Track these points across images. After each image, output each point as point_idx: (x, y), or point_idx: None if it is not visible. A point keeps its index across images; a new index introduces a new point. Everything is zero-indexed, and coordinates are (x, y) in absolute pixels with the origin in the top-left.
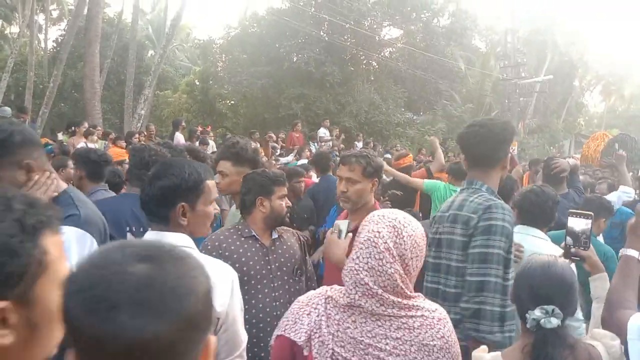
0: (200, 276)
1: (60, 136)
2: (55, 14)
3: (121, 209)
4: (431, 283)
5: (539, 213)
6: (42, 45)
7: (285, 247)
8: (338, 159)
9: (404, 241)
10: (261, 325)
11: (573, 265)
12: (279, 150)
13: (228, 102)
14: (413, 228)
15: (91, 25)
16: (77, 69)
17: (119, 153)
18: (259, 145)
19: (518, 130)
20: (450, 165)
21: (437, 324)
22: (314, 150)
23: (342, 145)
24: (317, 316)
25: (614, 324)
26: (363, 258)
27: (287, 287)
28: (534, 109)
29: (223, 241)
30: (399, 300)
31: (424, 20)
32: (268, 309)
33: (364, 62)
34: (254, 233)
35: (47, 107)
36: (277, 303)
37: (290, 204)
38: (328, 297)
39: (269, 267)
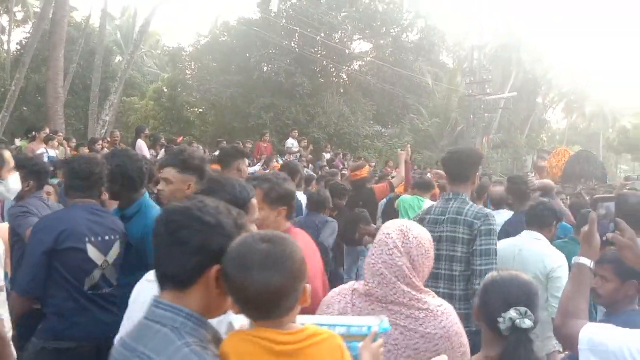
0: (297, 249)
1: (18, 142)
2: (19, 16)
3: (78, 221)
4: (434, 269)
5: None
6: (5, 47)
7: None
8: (306, 170)
9: (410, 241)
10: None
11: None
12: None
13: (196, 110)
14: (418, 232)
15: (56, 29)
16: (41, 73)
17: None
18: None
19: (483, 145)
20: (416, 180)
21: (441, 316)
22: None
23: (310, 157)
24: (345, 304)
25: (567, 333)
26: (378, 254)
27: None
28: (499, 125)
29: None
30: (409, 290)
31: (393, 35)
32: None
33: (334, 74)
34: None
35: (8, 111)
36: None
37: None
38: (354, 289)
39: None
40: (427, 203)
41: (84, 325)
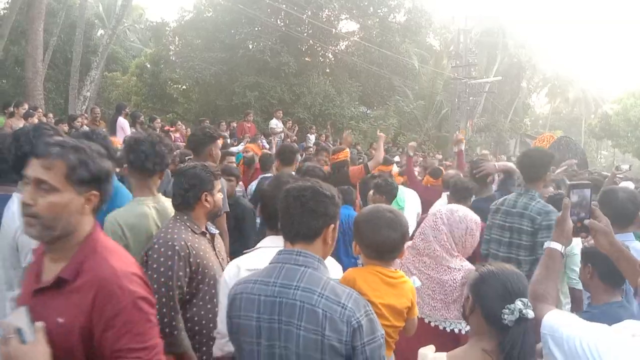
0: (403, 217)
1: None
2: None
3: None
4: (506, 253)
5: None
6: None
7: (218, 237)
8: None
9: (454, 217)
10: None
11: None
12: (229, 140)
13: (180, 86)
14: (465, 213)
15: (34, 1)
16: (20, 45)
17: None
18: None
19: (466, 129)
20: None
21: (457, 273)
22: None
23: (295, 137)
24: (406, 259)
25: (535, 314)
26: (428, 220)
27: None
28: (483, 108)
29: (187, 239)
30: (441, 250)
31: (380, 16)
32: None
33: (320, 54)
34: (203, 229)
35: None
36: None
37: (223, 195)
38: (409, 247)
39: (218, 259)
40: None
41: None
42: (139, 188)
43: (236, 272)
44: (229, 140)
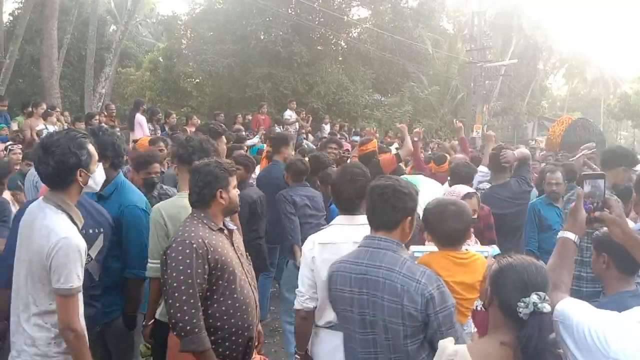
0: (466, 208)
1: (15, 126)
2: None
3: None
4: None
5: None
6: None
7: (236, 233)
8: (305, 142)
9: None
10: (249, 309)
11: None
12: (244, 133)
13: (193, 80)
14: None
15: (48, 1)
16: (35, 44)
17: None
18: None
19: (483, 113)
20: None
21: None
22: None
23: (309, 128)
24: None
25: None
26: None
27: (249, 270)
28: (499, 92)
29: (204, 237)
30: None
31: (392, 1)
32: (250, 294)
33: (333, 42)
34: (221, 225)
35: (4, 84)
36: (252, 286)
37: (239, 192)
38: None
39: (237, 255)
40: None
41: None
42: (184, 183)
43: (311, 246)
44: (244, 133)
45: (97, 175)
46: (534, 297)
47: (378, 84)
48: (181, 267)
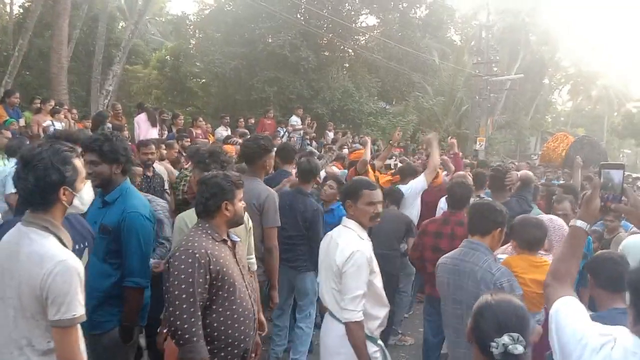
0: (544, 222)
1: (22, 121)
2: None
3: None
4: None
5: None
6: (7, 9)
7: (240, 245)
8: (309, 147)
9: (551, 225)
10: (247, 322)
11: None
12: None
13: (199, 80)
14: (560, 224)
15: None
16: (44, 38)
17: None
18: (228, 130)
19: (487, 126)
20: (400, 167)
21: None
22: (284, 137)
23: (314, 134)
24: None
25: (549, 293)
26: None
27: (250, 283)
28: (503, 105)
29: (207, 248)
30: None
31: (401, 10)
32: (249, 306)
33: (340, 49)
34: (224, 237)
35: (11, 77)
36: (252, 300)
37: (245, 205)
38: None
39: (239, 267)
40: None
41: None
42: None
43: (356, 238)
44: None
45: (85, 194)
46: (505, 339)
47: (383, 92)
48: (183, 276)
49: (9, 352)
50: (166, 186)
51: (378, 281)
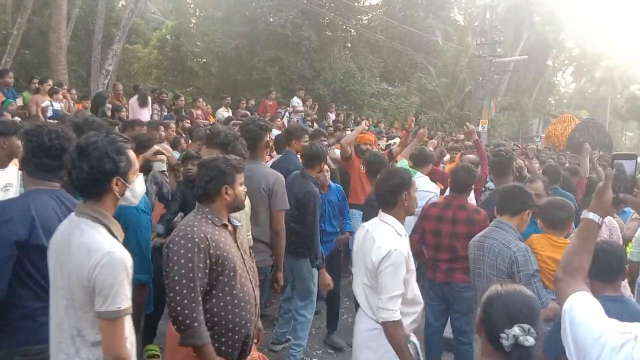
0: (571, 204)
1: (20, 101)
2: None
3: (47, 212)
4: None
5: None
6: None
7: (240, 229)
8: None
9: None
10: (248, 307)
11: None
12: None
13: (200, 60)
14: (613, 224)
15: None
16: (43, 16)
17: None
18: (229, 111)
19: (489, 108)
20: (413, 153)
21: None
22: (284, 117)
23: (315, 116)
24: None
25: (562, 288)
26: None
27: (251, 268)
28: (506, 87)
29: (207, 232)
30: None
31: None
32: (250, 291)
33: (342, 28)
34: (225, 221)
35: (10, 55)
36: (253, 284)
37: (246, 189)
38: None
39: (240, 252)
40: (421, 178)
41: None
42: None
43: (394, 235)
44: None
45: (137, 187)
46: (515, 330)
47: (386, 73)
48: (182, 261)
49: (61, 341)
50: (164, 167)
51: (414, 280)
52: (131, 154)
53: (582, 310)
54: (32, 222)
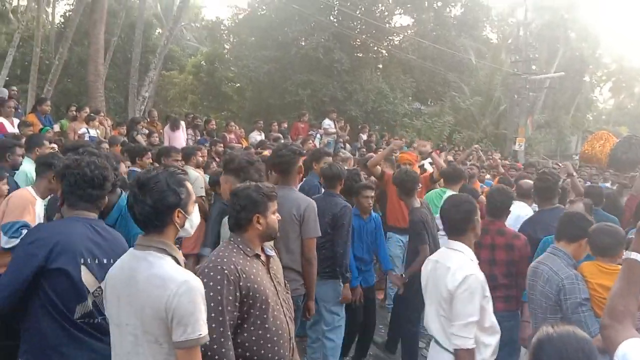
0: (619, 229)
1: (57, 128)
2: None
3: (74, 238)
4: None
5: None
6: (50, 19)
7: (275, 259)
8: (343, 151)
9: None
10: (281, 341)
11: None
12: (283, 141)
13: (234, 85)
14: None
15: (96, 6)
16: (83, 45)
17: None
18: (262, 135)
19: (526, 126)
20: (444, 170)
21: None
22: (317, 140)
23: (347, 137)
24: None
25: (610, 336)
26: None
27: (285, 299)
28: (543, 104)
29: (237, 263)
30: None
31: (435, 9)
32: (284, 325)
33: (373, 50)
34: (257, 252)
35: (52, 84)
36: (287, 317)
37: (280, 217)
38: None
39: (273, 283)
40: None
41: (77, 357)
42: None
43: (468, 261)
44: (282, 142)
45: (194, 217)
46: None
47: (418, 93)
48: (211, 294)
49: None
50: (202, 193)
51: (490, 307)
52: (189, 185)
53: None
54: (54, 246)
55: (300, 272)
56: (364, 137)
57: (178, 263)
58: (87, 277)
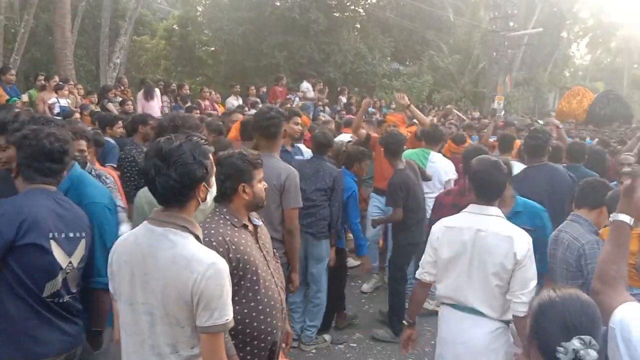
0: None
1: (25, 98)
2: None
3: (42, 211)
4: None
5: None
6: None
7: (262, 228)
8: (322, 114)
9: None
10: (274, 312)
11: None
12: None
13: (208, 48)
14: None
15: None
16: (50, 12)
17: None
18: (239, 99)
19: (504, 84)
20: (424, 130)
21: None
22: (295, 103)
23: (326, 100)
24: None
25: (604, 302)
26: None
27: (275, 268)
28: (521, 62)
29: (225, 234)
30: None
31: None
32: (275, 295)
33: (351, 9)
34: (244, 222)
35: (19, 53)
36: (279, 288)
37: (266, 185)
38: None
39: (262, 253)
40: (435, 157)
41: (48, 340)
42: None
43: (439, 226)
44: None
45: (214, 190)
46: (575, 343)
47: (397, 53)
48: None
49: (145, 359)
50: None
51: None
52: (211, 156)
53: (633, 322)
54: (22, 221)
55: (282, 241)
56: (344, 99)
57: (199, 241)
58: (58, 253)
